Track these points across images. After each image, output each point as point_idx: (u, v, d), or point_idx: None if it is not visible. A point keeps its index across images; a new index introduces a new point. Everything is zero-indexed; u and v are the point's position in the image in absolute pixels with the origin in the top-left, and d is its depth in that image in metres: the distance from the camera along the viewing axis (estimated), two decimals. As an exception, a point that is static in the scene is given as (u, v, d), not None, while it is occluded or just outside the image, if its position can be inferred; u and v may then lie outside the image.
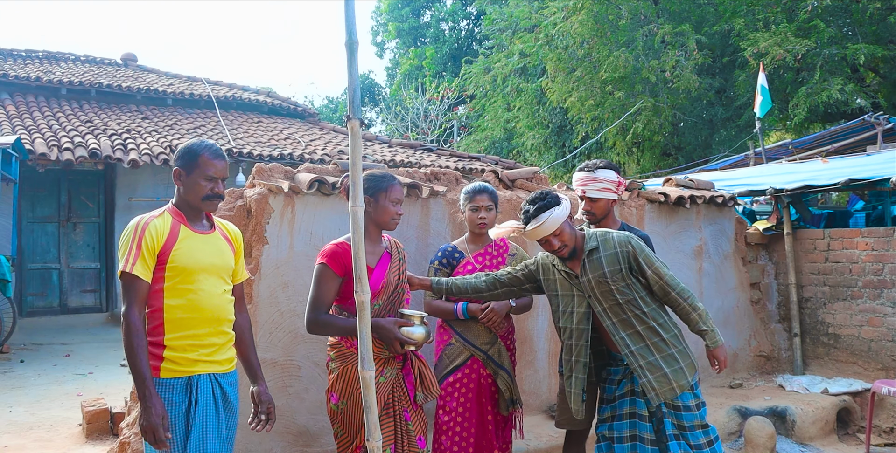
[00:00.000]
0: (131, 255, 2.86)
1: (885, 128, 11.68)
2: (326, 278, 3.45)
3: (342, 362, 3.48)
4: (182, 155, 3.06)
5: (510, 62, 19.78)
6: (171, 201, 3.13)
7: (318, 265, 3.48)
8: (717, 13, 16.03)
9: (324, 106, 35.38)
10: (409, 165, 11.66)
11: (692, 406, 3.55)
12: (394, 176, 3.68)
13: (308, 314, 3.47)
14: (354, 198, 3.09)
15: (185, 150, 3.07)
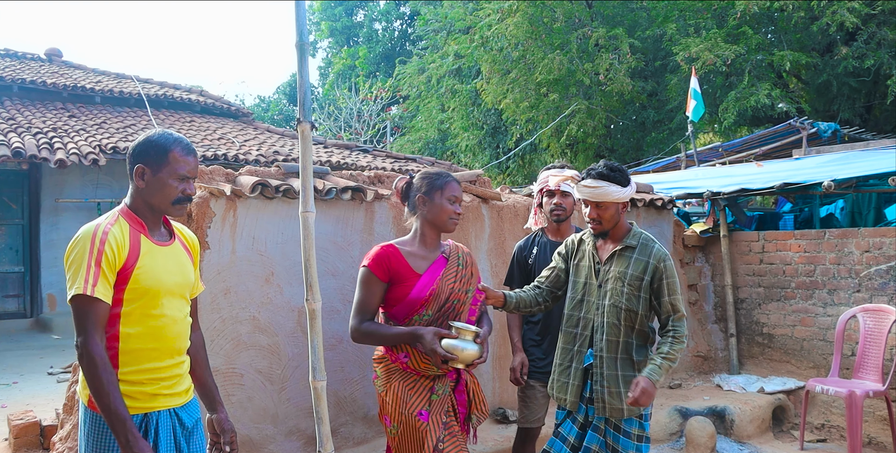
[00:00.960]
0: (90, 274, 2.36)
1: (809, 132, 12.05)
2: (370, 282, 3.30)
3: (388, 379, 3.26)
4: (146, 149, 2.57)
5: (445, 63, 19.77)
6: (125, 203, 2.63)
7: (361, 268, 3.34)
8: (649, 18, 16.30)
9: (255, 105, 34.89)
10: (346, 166, 11.53)
11: (633, 434, 3.46)
12: (449, 173, 3.48)
13: (351, 320, 3.33)
14: (305, 203, 3.01)
15: (149, 144, 2.58)
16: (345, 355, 4.79)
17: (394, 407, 3.19)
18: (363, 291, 3.30)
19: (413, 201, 3.42)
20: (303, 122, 2.95)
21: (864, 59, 13.88)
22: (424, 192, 3.35)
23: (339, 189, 4.66)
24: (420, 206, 3.36)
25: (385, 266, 3.27)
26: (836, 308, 6.50)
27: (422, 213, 3.37)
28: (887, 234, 6.21)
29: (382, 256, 3.29)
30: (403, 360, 3.23)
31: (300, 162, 2.98)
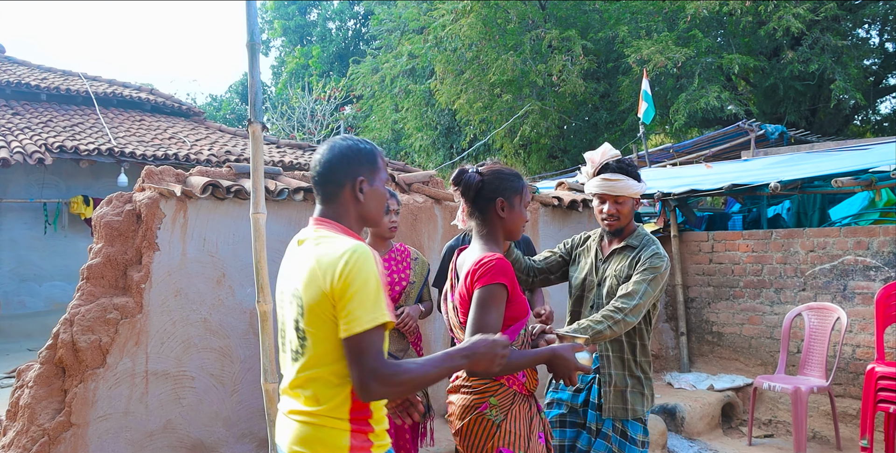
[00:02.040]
0: (382, 299, 2.06)
1: (757, 134, 12.31)
2: (502, 302, 2.66)
3: (509, 406, 2.75)
4: (358, 157, 2.24)
5: (399, 63, 19.74)
6: (338, 221, 2.23)
7: (493, 286, 2.62)
8: (602, 20, 16.47)
9: (207, 103, 34.47)
10: (299, 166, 11.45)
11: (638, 441, 3.36)
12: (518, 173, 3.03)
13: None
14: (256, 204, 3.00)
15: (360, 151, 2.25)
16: (297, 357, 4.76)
17: (519, 435, 2.75)
18: (494, 312, 2.62)
19: (488, 204, 2.82)
20: (254, 123, 2.94)
21: (809, 64, 14.21)
22: (505, 196, 2.82)
23: (291, 190, 4.63)
24: (500, 213, 2.81)
25: (512, 278, 2.71)
26: (782, 306, 6.63)
27: (500, 221, 2.83)
28: (831, 234, 6.36)
29: (509, 269, 2.68)
30: (522, 380, 2.81)
31: (251, 162, 2.97)
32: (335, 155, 2.21)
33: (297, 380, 2.13)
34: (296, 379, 2.13)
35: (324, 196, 2.24)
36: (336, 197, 2.22)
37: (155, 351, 4.22)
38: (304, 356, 2.11)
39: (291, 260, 2.22)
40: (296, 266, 2.16)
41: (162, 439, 4.23)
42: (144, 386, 4.17)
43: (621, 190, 3.32)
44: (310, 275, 2.07)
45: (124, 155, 10.44)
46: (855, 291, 6.17)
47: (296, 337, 2.14)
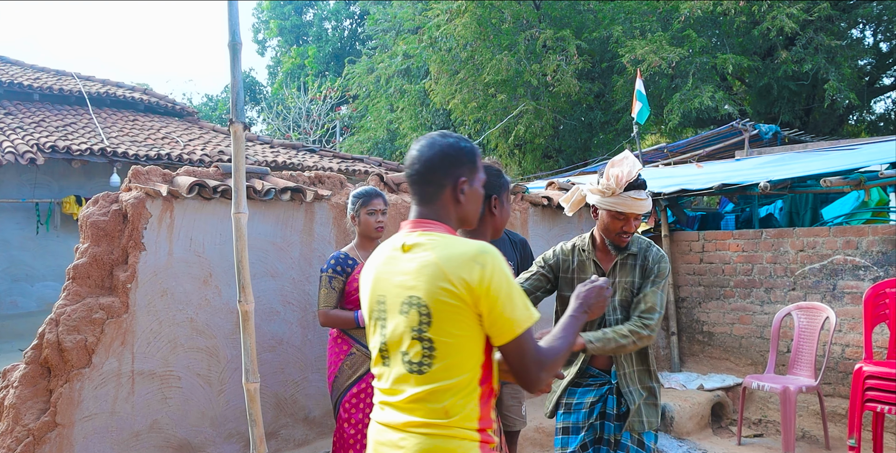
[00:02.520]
0: (523, 294, 2.07)
1: (751, 134, 12.33)
2: None
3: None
4: (461, 157, 2.13)
5: (394, 63, 19.74)
6: (441, 222, 2.14)
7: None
8: (596, 20, 16.48)
9: (203, 104, 34.44)
10: (292, 166, 11.45)
11: (653, 449, 3.32)
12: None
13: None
14: (237, 204, 2.99)
15: (462, 150, 2.15)
16: (285, 357, 4.76)
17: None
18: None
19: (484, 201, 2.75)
20: (235, 123, 2.94)
21: (803, 64, 14.25)
22: (497, 192, 2.81)
23: (278, 189, 4.63)
24: (493, 210, 2.80)
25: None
26: (772, 306, 6.64)
27: (491, 218, 2.81)
28: (820, 234, 6.37)
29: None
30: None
31: (233, 162, 2.97)
32: (436, 153, 2.10)
33: (421, 394, 2.00)
34: (420, 392, 2.00)
35: (422, 196, 2.13)
36: (436, 197, 2.12)
37: (141, 351, 4.22)
38: (432, 367, 1.99)
39: (394, 266, 2.09)
40: (406, 272, 2.04)
41: (148, 439, 4.23)
42: (130, 386, 4.17)
43: (645, 208, 3.16)
44: (435, 280, 1.97)
45: (117, 155, 10.43)
46: (844, 291, 6.18)
47: (419, 348, 2.01)
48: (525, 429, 5.52)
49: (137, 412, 4.19)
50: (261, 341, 4.67)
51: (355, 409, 4.00)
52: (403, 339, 2.03)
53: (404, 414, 2.03)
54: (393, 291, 2.07)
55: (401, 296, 2.04)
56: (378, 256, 2.18)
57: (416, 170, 2.12)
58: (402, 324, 2.04)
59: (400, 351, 2.05)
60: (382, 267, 2.13)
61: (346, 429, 3.99)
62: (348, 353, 4.05)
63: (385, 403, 2.10)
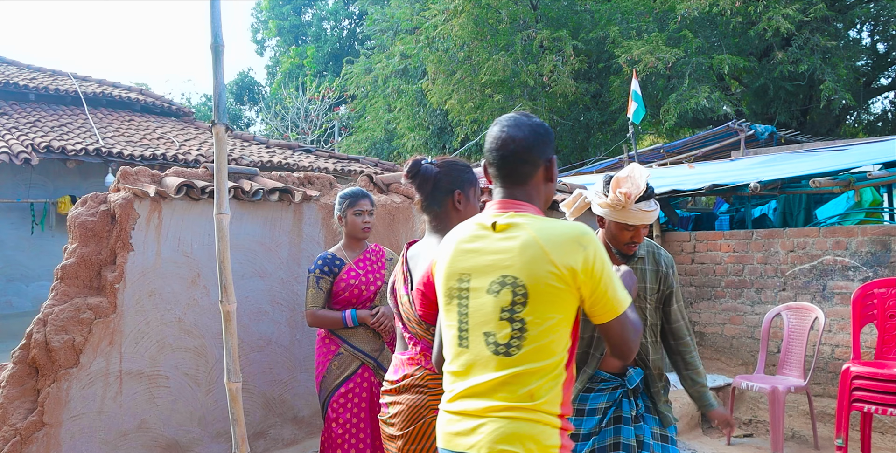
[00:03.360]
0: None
1: (746, 134, 12.37)
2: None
3: None
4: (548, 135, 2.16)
5: (391, 63, 19.77)
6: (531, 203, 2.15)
7: None
8: (593, 20, 16.51)
9: (202, 103, 34.47)
10: (287, 167, 11.47)
11: (676, 439, 3.33)
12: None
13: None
14: (219, 205, 3.01)
15: (548, 130, 2.17)
16: (273, 357, 4.78)
17: None
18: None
19: (445, 197, 2.73)
20: (217, 124, 2.95)
21: (799, 64, 14.28)
22: (461, 187, 2.74)
23: (266, 190, 4.65)
24: (457, 205, 2.73)
25: None
26: (763, 306, 6.66)
27: (456, 213, 2.73)
28: (810, 234, 6.39)
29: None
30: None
31: (215, 163, 2.98)
32: (529, 134, 2.10)
33: (506, 377, 1.96)
34: (505, 376, 1.96)
35: (514, 177, 2.11)
36: (529, 178, 2.11)
37: (129, 351, 4.23)
38: (521, 349, 1.96)
39: (483, 244, 2.06)
40: (500, 251, 2.02)
41: (136, 438, 4.25)
42: (118, 385, 4.18)
43: (654, 217, 3.09)
44: (538, 262, 1.96)
45: (112, 155, 10.45)
46: (834, 291, 6.20)
47: (509, 329, 1.98)
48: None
49: (125, 411, 4.21)
50: (249, 341, 4.69)
51: (343, 409, 4.02)
52: (490, 320, 2.01)
53: (484, 399, 1.98)
54: (481, 269, 2.04)
55: (491, 275, 2.01)
56: (459, 234, 2.14)
57: (511, 150, 2.08)
58: (489, 304, 2.01)
59: (483, 332, 2.02)
60: (466, 244, 2.10)
61: (335, 429, 4.00)
62: (336, 353, 4.07)
63: (458, 391, 2.06)
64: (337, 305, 4.08)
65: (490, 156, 2.14)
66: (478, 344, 2.02)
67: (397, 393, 2.69)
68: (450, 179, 2.70)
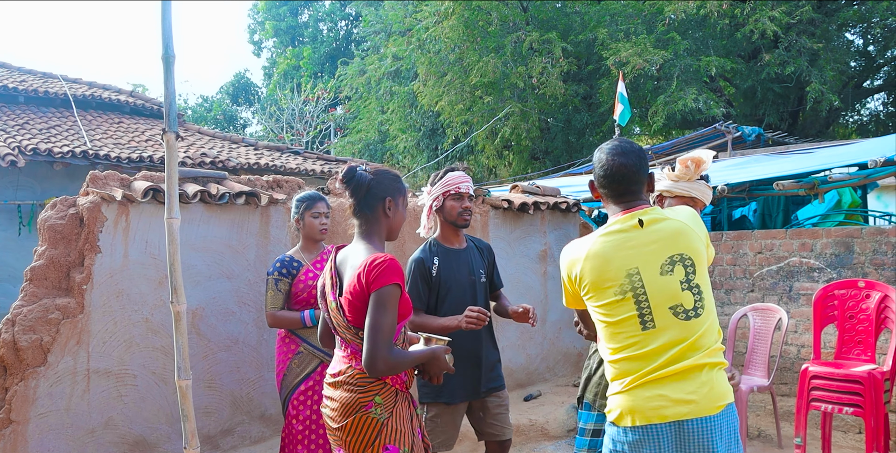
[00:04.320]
0: None
1: (734, 135, 12.45)
2: (396, 300, 2.69)
3: (392, 403, 2.80)
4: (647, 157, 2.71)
5: (383, 65, 19.89)
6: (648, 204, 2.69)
7: (389, 287, 2.65)
8: (582, 22, 16.61)
9: (198, 104, 34.59)
10: (274, 168, 11.56)
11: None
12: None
13: (380, 351, 2.61)
14: (170, 210, 3.12)
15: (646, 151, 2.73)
16: (240, 356, 4.89)
17: (403, 432, 2.81)
18: (392, 313, 2.67)
19: (376, 203, 2.87)
20: (168, 133, 3.06)
21: (786, 66, 14.36)
22: (391, 195, 2.88)
23: (233, 194, 4.76)
24: (386, 212, 2.87)
25: (404, 280, 2.79)
26: (732, 307, 6.76)
27: (385, 219, 2.89)
28: (777, 236, 6.49)
29: (400, 268, 2.71)
30: (404, 379, 2.86)
31: (166, 170, 3.08)
32: (640, 157, 2.59)
33: (700, 336, 2.41)
34: (700, 335, 2.41)
35: (635, 192, 2.57)
36: (642, 189, 2.59)
37: (97, 350, 4.35)
38: (704, 308, 2.45)
39: (638, 240, 2.47)
40: (658, 239, 2.47)
41: (103, 435, 4.36)
42: (86, 384, 4.30)
43: (710, 196, 3.44)
44: (691, 238, 2.49)
45: (99, 157, 10.53)
46: (800, 292, 6.31)
47: (691, 295, 2.44)
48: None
49: (93, 409, 4.32)
50: (217, 341, 4.81)
51: (303, 406, 4.12)
52: (674, 295, 2.43)
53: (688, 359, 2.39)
54: (648, 258, 2.45)
55: (660, 259, 2.45)
56: (607, 241, 2.52)
57: (625, 173, 2.56)
58: (669, 283, 2.44)
59: (669, 307, 2.42)
60: (621, 245, 2.49)
61: (295, 425, 4.11)
62: (296, 352, 4.18)
63: (653, 366, 2.40)
64: (296, 306, 4.18)
65: (609, 178, 2.58)
66: (666, 320, 2.42)
67: (334, 387, 2.85)
68: (382, 187, 2.86)
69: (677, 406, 2.36)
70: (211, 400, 4.82)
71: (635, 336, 2.42)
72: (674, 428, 2.37)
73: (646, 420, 2.38)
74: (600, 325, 2.53)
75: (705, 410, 2.37)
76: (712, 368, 2.42)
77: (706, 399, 2.38)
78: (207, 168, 10.73)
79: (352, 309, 2.72)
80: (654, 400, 2.38)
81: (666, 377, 2.38)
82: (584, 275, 2.52)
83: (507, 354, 6.46)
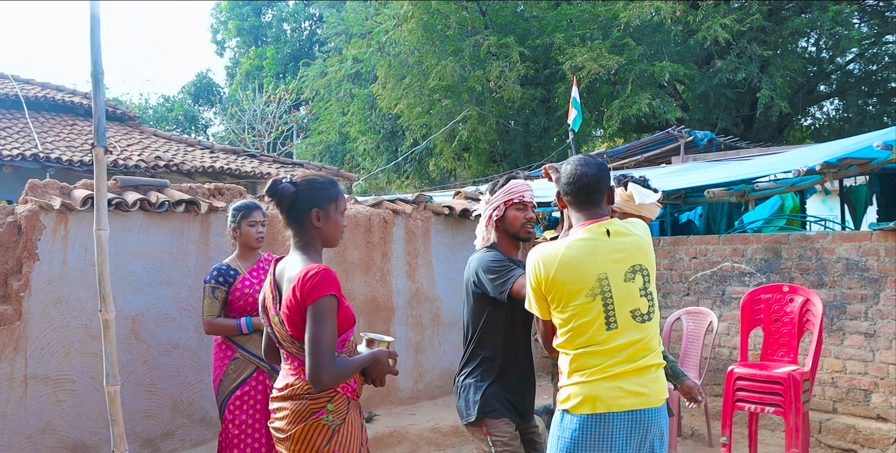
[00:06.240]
0: None
1: (686, 140, 12.69)
2: (334, 311, 2.69)
3: (345, 411, 2.81)
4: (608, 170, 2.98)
5: (343, 67, 19.96)
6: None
7: (324, 298, 2.64)
8: (540, 27, 16.80)
9: (159, 104, 34.34)
10: (229, 172, 11.60)
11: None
12: (334, 180, 3.01)
13: (321, 364, 2.60)
14: (98, 221, 3.23)
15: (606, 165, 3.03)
16: (180, 360, 4.99)
17: (353, 440, 2.81)
18: (331, 324, 2.65)
19: (303, 215, 2.80)
20: (97, 147, 3.17)
21: (737, 72, 14.66)
22: (319, 205, 2.81)
23: (172, 202, 4.85)
24: (315, 222, 2.81)
25: (340, 290, 2.76)
26: (669, 311, 6.95)
27: (316, 230, 2.83)
28: (711, 242, 6.70)
29: (335, 278, 2.71)
30: (354, 386, 2.87)
31: (95, 183, 3.19)
32: (602, 169, 2.85)
33: (652, 333, 2.75)
34: (651, 333, 2.75)
35: (593, 201, 2.82)
36: (602, 200, 2.85)
37: (35, 356, 4.42)
38: (655, 313, 2.78)
39: (605, 248, 2.73)
40: (622, 249, 2.73)
41: (41, 440, 4.43)
42: (23, 389, 4.37)
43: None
44: (647, 253, 2.79)
45: (50, 160, 10.51)
46: (731, 296, 6.52)
47: (646, 301, 2.76)
48: (420, 429, 5.80)
49: (30, 414, 4.39)
50: (157, 346, 4.90)
51: (239, 411, 4.21)
52: (634, 300, 2.73)
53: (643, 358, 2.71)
54: (614, 266, 2.72)
55: (625, 267, 2.73)
56: (580, 246, 2.74)
57: (595, 180, 2.82)
58: (631, 289, 2.72)
59: (629, 310, 2.72)
60: (591, 251, 2.73)
61: (231, 430, 4.20)
62: (232, 358, 4.25)
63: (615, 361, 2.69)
64: (232, 313, 4.27)
65: (575, 188, 2.83)
66: (626, 322, 2.71)
67: (283, 399, 2.85)
68: (307, 198, 2.78)
69: (632, 397, 2.67)
70: (151, 404, 4.91)
71: (600, 334, 2.70)
72: (627, 417, 2.68)
73: (605, 408, 2.67)
74: (567, 324, 2.74)
75: (653, 402, 2.71)
76: (658, 368, 2.76)
77: (654, 392, 2.71)
78: (161, 171, 10.75)
79: (290, 323, 2.72)
80: (613, 390, 2.67)
81: (625, 373, 2.68)
82: (557, 277, 2.73)
83: (450, 357, 6.61)
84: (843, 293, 5.86)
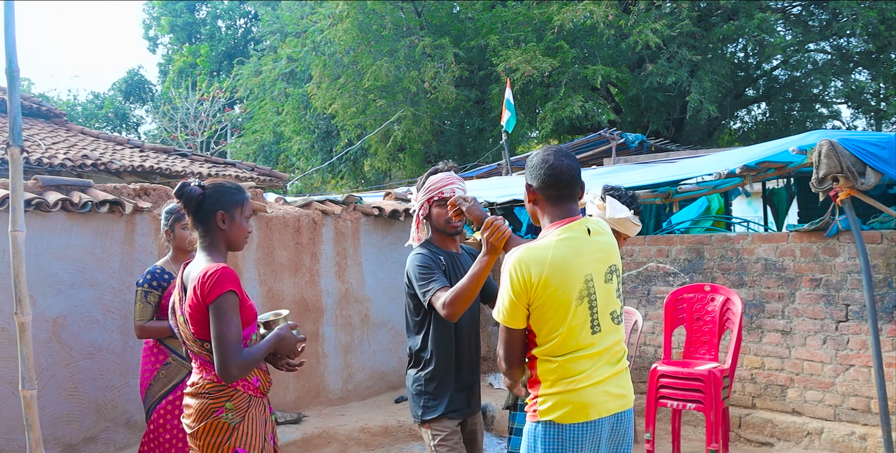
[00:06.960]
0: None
1: (618, 142, 12.90)
2: (236, 308, 2.80)
3: (245, 408, 2.90)
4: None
5: (278, 66, 19.79)
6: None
7: (224, 295, 2.75)
8: (475, 29, 16.89)
9: (89, 101, 33.55)
10: (159, 171, 11.40)
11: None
12: (240, 185, 3.12)
13: (231, 358, 2.72)
14: (14, 222, 3.16)
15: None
16: (104, 363, 4.91)
17: (254, 436, 2.90)
18: (234, 320, 2.77)
19: (209, 217, 2.94)
20: (12, 147, 3.11)
21: (668, 76, 14.97)
22: (225, 209, 2.95)
23: (96, 202, 4.77)
24: (220, 225, 2.94)
25: (238, 284, 2.86)
26: (597, 310, 7.09)
27: (221, 232, 2.96)
28: (637, 242, 6.85)
29: (234, 276, 2.83)
30: (256, 384, 2.96)
31: (10, 183, 3.13)
32: (576, 163, 2.72)
33: (622, 339, 2.73)
34: (622, 338, 2.73)
35: (573, 196, 2.70)
36: (577, 195, 2.72)
37: (-50, 361, 4.31)
38: (623, 315, 2.76)
39: (587, 247, 2.63)
40: (599, 249, 2.67)
41: (-43, 447, 4.33)
42: (-62, 394, 4.26)
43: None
44: (616, 250, 2.76)
45: (-34, 159, 10.20)
46: (657, 296, 6.68)
47: (619, 303, 2.73)
48: (350, 429, 5.81)
49: None
50: (79, 348, 4.81)
51: (171, 416, 4.15)
52: (612, 301, 2.69)
53: (620, 361, 2.71)
54: (596, 266, 2.64)
55: (604, 267, 2.66)
56: (567, 246, 2.60)
57: (574, 175, 2.68)
58: (609, 290, 2.68)
59: (609, 312, 2.67)
60: (577, 250, 2.62)
61: (162, 434, 4.14)
62: (164, 363, 4.20)
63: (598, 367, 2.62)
64: (166, 317, 4.23)
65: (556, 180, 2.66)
66: (607, 324, 2.66)
67: (190, 396, 2.97)
68: (214, 200, 2.93)
69: (616, 400, 2.65)
70: (73, 408, 4.82)
71: (586, 338, 2.61)
72: (613, 420, 2.65)
73: (597, 414, 2.60)
74: (556, 330, 2.57)
75: (630, 403, 2.73)
76: (627, 370, 2.76)
77: (630, 393, 2.73)
78: (89, 170, 10.51)
79: (194, 321, 2.83)
80: (601, 395, 2.61)
81: (608, 377, 2.63)
82: (550, 280, 2.54)
83: (380, 357, 6.63)
84: (761, 292, 6.06)
